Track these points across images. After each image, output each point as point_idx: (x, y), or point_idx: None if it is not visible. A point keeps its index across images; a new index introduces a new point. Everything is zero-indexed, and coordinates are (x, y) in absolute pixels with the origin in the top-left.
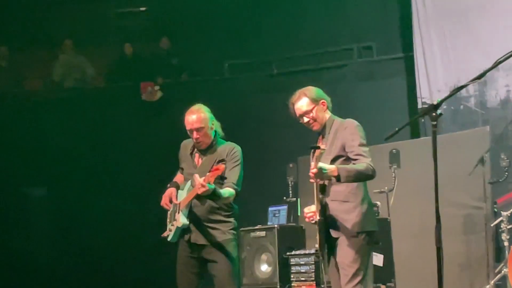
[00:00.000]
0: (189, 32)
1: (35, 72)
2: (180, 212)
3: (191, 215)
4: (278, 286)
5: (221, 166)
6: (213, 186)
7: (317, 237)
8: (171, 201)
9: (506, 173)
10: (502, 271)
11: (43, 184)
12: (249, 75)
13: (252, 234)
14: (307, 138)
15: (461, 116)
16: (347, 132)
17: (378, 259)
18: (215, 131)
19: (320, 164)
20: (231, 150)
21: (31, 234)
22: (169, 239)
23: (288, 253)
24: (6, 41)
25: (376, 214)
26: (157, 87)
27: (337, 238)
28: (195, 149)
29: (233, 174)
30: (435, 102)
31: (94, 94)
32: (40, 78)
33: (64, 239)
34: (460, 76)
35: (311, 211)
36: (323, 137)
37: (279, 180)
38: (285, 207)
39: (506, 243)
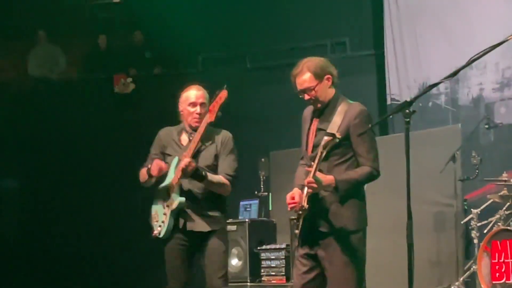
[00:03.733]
0: (163, 25)
1: (8, 63)
2: (172, 193)
3: (186, 202)
4: (249, 281)
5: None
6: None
7: (300, 224)
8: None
9: (477, 171)
10: (472, 268)
11: (15, 175)
12: (223, 69)
13: None
14: (280, 132)
15: (430, 114)
16: (356, 124)
17: None
18: None
19: (317, 177)
20: (226, 137)
21: (1, 226)
22: (161, 235)
23: (258, 248)
24: None
25: None
26: (129, 80)
27: (326, 234)
28: (182, 135)
29: (226, 163)
30: (408, 99)
31: (67, 85)
32: (13, 69)
33: (36, 233)
34: (430, 73)
35: (294, 200)
36: (320, 115)
37: (250, 175)
38: (257, 201)
39: (475, 241)
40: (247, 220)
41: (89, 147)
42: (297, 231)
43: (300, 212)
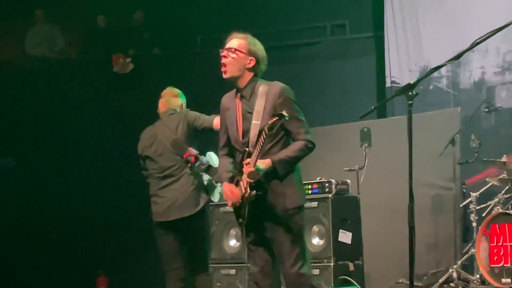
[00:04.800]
0: (162, 5)
1: (6, 42)
2: None
3: None
4: (246, 261)
5: None
6: None
7: (245, 212)
8: None
9: (476, 154)
10: (470, 252)
11: (12, 154)
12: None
13: (222, 208)
14: None
15: (431, 97)
16: (281, 103)
17: (346, 237)
18: None
19: (257, 165)
20: None
21: None
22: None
23: None
24: None
25: (346, 192)
26: (128, 59)
27: (271, 215)
28: None
29: None
30: (410, 81)
31: (66, 65)
32: (11, 48)
33: (33, 211)
34: (431, 56)
35: (235, 196)
36: (241, 98)
37: None
38: None
39: (474, 224)
40: None
41: (87, 126)
42: (241, 220)
43: (251, 200)
